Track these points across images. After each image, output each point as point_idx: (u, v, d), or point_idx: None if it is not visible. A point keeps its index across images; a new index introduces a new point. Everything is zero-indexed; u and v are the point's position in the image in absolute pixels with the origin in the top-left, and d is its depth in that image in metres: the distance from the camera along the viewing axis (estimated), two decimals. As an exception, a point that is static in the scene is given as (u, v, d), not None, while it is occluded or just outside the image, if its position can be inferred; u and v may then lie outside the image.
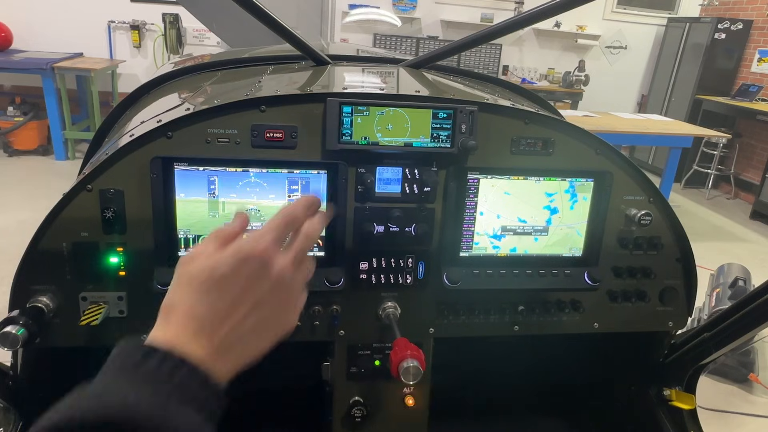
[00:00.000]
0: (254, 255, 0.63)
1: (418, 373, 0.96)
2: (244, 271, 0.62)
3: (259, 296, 0.62)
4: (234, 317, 0.61)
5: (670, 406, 1.28)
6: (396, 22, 6.75)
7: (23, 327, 0.91)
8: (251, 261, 0.62)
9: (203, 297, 0.61)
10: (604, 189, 1.15)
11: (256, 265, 0.62)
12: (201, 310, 0.60)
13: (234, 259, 0.62)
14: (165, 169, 0.99)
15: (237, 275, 0.61)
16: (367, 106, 1.00)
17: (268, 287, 0.63)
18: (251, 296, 0.62)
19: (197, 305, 0.60)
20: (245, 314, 0.61)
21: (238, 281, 0.61)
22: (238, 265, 0.62)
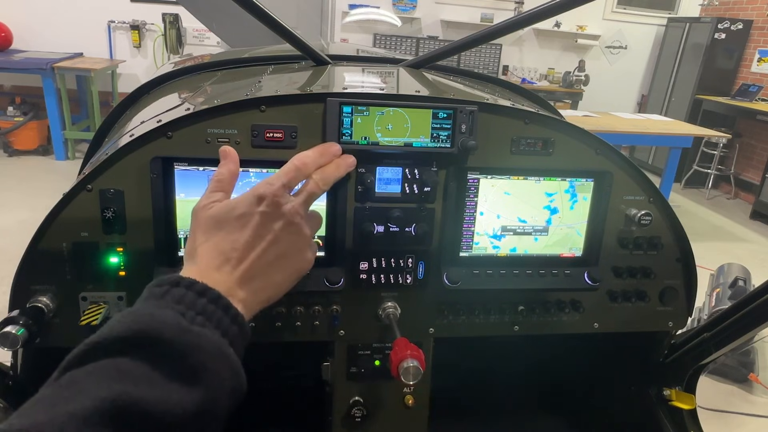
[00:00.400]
0: (266, 195, 0.69)
1: (418, 373, 0.96)
2: (259, 210, 0.68)
3: (275, 232, 0.69)
4: (255, 250, 0.67)
5: (670, 406, 1.29)
6: (396, 22, 6.75)
7: (23, 327, 0.91)
8: (264, 201, 0.69)
9: (225, 234, 0.67)
10: (604, 189, 1.15)
11: (269, 204, 0.69)
12: (224, 245, 0.66)
13: (249, 199, 0.69)
14: (165, 169, 0.99)
15: (253, 213, 0.68)
16: (367, 106, 1.00)
17: (281, 225, 0.70)
18: (268, 232, 0.68)
19: (221, 242, 0.66)
20: (264, 248, 0.68)
21: (255, 218, 0.68)
22: (254, 205, 0.68)
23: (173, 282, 0.58)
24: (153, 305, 0.55)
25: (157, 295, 0.57)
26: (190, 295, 0.57)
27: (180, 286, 0.58)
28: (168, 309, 0.54)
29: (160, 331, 0.51)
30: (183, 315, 0.54)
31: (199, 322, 0.55)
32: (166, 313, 0.54)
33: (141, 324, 0.51)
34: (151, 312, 0.53)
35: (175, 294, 0.57)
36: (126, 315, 0.54)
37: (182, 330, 0.53)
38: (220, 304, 0.59)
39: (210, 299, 0.58)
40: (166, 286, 0.58)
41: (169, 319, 0.53)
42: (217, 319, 0.57)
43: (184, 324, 0.53)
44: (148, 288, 0.59)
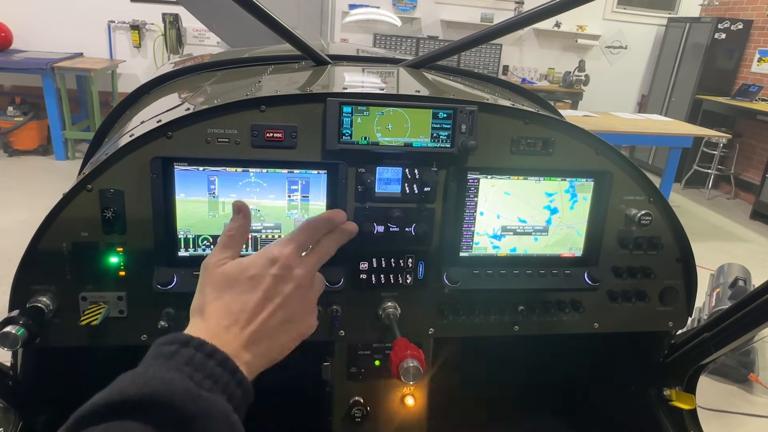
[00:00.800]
0: (279, 258, 0.70)
1: (418, 373, 0.96)
2: (271, 272, 0.69)
3: (284, 296, 0.69)
4: (263, 313, 0.67)
5: (670, 406, 1.28)
6: (396, 22, 6.75)
7: (23, 327, 0.91)
8: (277, 263, 0.70)
9: (236, 294, 0.67)
10: (604, 189, 1.15)
11: (281, 267, 0.70)
12: (234, 306, 0.66)
13: (262, 261, 0.69)
14: (165, 169, 0.99)
15: (265, 276, 0.68)
16: (367, 106, 1.00)
17: (291, 289, 0.70)
18: (278, 295, 0.69)
19: (231, 302, 0.67)
20: (272, 311, 0.68)
21: (266, 281, 0.68)
22: (266, 267, 0.69)
23: (183, 342, 0.58)
24: (163, 366, 0.55)
25: (167, 354, 0.57)
26: (199, 357, 0.57)
27: (189, 346, 0.58)
28: (177, 372, 0.55)
29: (170, 396, 0.51)
30: (192, 378, 0.54)
31: (207, 387, 0.55)
32: (176, 377, 0.54)
33: (152, 387, 0.51)
34: (162, 375, 0.53)
35: (184, 355, 0.57)
36: (136, 376, 0.54)
37: (192, 397, 0.52)
38: (228, 367, 0.59)
39: (218, 362, 0.58)
40: (176, 345, 0.58)
41: (178, 384, 0.53)
42: (224, 384, 0.57)
43: (194, 390, 0.53)
44: (157, 345, 0.59)
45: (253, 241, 1.07)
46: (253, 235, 1.07)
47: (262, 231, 1.07)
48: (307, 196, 1.06)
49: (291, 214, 1.07)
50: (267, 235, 1.07)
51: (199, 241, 1.05)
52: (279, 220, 1.07)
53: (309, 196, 1.06)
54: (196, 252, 1.05)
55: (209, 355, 0.58)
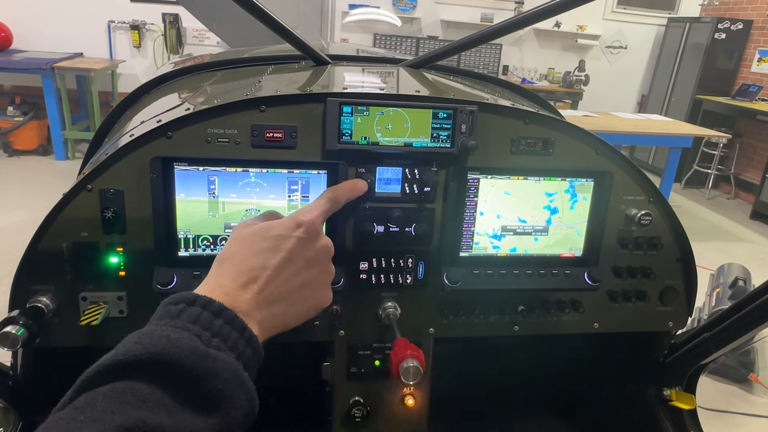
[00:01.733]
0: (305, 222, 0.70)
1: (418, 373, 0.96)
2: (297, 234, 0.68)
3: (306, 259, 0.69)
4: (284, 273, 0.66)
5: (670, 406, 1.28)
6: (396, 22, 6.75)
7: (23, 327, 0.91)
8: (303, 227, 0.69)
9: (258, 252, 0.66)
10: (604, 189, 1.15)
11: (306, 231, 0.69)
12: (254, 263, 0.65)
13: (288, 222, 0.69)
14: (165, 169, 0.99)
15: (290, 237, 0.68)
16: (367, 106, 1.00)
17: (314, 254, 0.70)
18: (300, 258, 0.68)
19: (251, 258, 0.66)
20: (293, 273, 0.67)
21: (290, 241, 0.68)
22: (291, 228, 0.69)
23: (189, 300, 0.57)
24: (169, 325, 0.54)
25: (173, 314, 0.56)
26: (206, 315, 0.56)
27: (196, 305, 0.57)
28: (184, 330, 0.53)
29: (177, 355, 0.50)
30: (199, 337, 0.53)
31: (215, 345, 0.54)
32: (183, 336, 0.53)
33: (158, 347, 0.50)
34: (168, 334, 0.52)
35: (191, 313, 0.56)
36: (142, 336, 0.52)
37: (199, 355, 0.52)
38: (236, 325, 0.58)
39: (226, 320, 0.57)
40: (182, 304, 0.57)
41: (185, 342, 0.52)
42: (232, 342, 0.56)
43: (202, 348, 0.52)
44: (163, 305, 0.58)
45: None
46: (253, 235, 1.07)
47: (262, 231, 1.07)
48: (307, 196, 1.06)
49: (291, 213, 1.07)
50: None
51: (199, 241, 1.05)
52: (279, 220, 1.07)
53: (309, 196, 1.06)
54: (196, 252, 1.05)
55: (216, 314, 0.57)
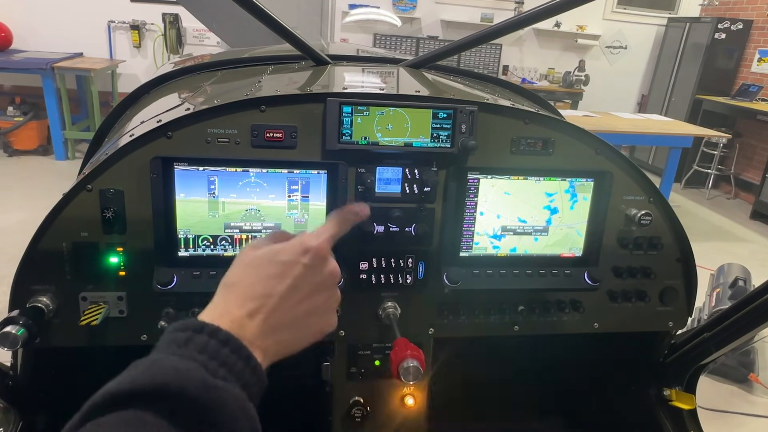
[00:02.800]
0: (313, 248, 0.68)
1: (418, 373, 0.96)
2: (304, 261, 0.67)
3: (313, 286, 0.67)
4: (289, 301, 0.65)
5: (670, 406, 1.28)
6: (396, 22, 6.75)
7: (23, 327, 0.91)
8: (311, 253, 0.68)
9: (264, 279, 0.65)
10: (604, 189, 1.15)
11: (313, 257, 0.68)
12: (260, 290, 0.64)
13: (295, 248, 0.68)
14: (165, 169, 0.99)
15: (296, 263, 0.66)
16: (367, 106, 1.00)
17: (321, 280, 0.68)
18: (307, 285, 0.67)
19: (258, 285, 0.65)
20: (299, 300, 0.66)
21: (297, 268, 0.66)
22: (299, 254, 0.67)
23: (196, 328, 0.57)
24: (176, 354, 0.54)
25: (180, 342, 0.56)
26: (213, 344, 0.56)
27: (203, 333, 0.57)
28: (191, 360, 0.54)
29: (184, 387, 0.50)
30: (206, 367, 0.54)
31: (222, 375, 0.54)
32: (191, 366, 0.53)
33: (166, 378, 0.51)
34: (176, 365, 0.52)
35: (198, 342, 0.56)
36: (150, 365, 0.53)
37: (206, 387, 0.52)
38: (242, 354, 0.58)
39: (233, 349, 0.57)
40: (189, 332, 0.57)
41: (193, 374, 0.52)
42: (238, 371, 0.56)
43: (209, 380, 0.52)
44: (170, 331, 0.58)
45: (253, 241, 1.07)
46: (252, 235, 1.07)
47: (262, 231, 1.07)
48: (307, 196, 1.06)
49: (291, 214, 1.07)
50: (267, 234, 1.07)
51: (199, 241, 1.05)
52: (279, 220, 1.07)
53: (309, 196, 1.06)
54: (196, 252, 1.05)
55: (223, 343, 0.57)
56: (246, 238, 1.07)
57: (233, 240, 1.06)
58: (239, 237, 1.06)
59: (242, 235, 1.06)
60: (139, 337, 1.05)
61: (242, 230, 1.06)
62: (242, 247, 0.74)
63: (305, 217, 1.07)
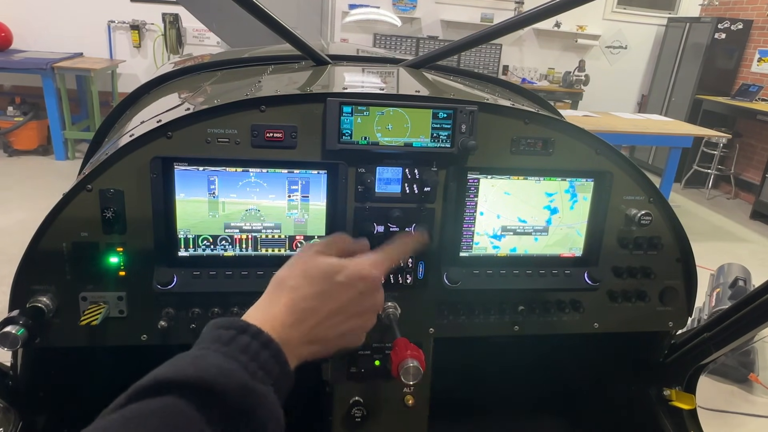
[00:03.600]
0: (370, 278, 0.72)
1: (418, 373, 0.96)
2: (359, 287, 0.71)
3: (358, 312, 0.72)
4: (333, 320, 0.69)
5: (670, 406, 1.28)
6: (396, 22, 6.75)
7: (23, 327, 0.91)
8: (367, 282, 0.72)
9: (318, 294, 0.69)
10: (604, 189, 1.15)
11: (367, 285, 0.72)
12: (312, 303, 0.68)
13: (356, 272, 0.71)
14: (165, 169, 0.99)
15: (351, 288, 0.70)
16: (367, 106, 1.00)
17: (366, 308, 0.73)
18: (353, 309, 0.71)
19: (311, 298, 0.68)
20: (341, 321, 0.70)
21: (350, 293, 0.70)
22: (356, 279, 0.71)
23: (240, 328, 0.60)
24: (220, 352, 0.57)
25: (225, 340, 0.59)
26: (255, 346, 0.59)
27: (246, 333, 0.60)
28: (234, 360, 0.57)
29: (226, 386, 0.53)
30: (246, 368, 0.57)
31: (260, 378, 0.57)
32: (233, 366, 0.56)
33: (209, 374, 0.53)
34: (220, 363, 0.55)
35: (240, 342, 0.59)
36: (195, 359, 0.56)
37: (247, 390, 0.55)
38: (280, 359, 0.61)
39: (272, 353, 0.60)
40: (233, 331, 0.60)
41: (235, 374, 0.55)
42: (275, 375, 0.60)
43: (249, 383, 0.55)
44: (214, 327, 0.61)
45: (252, 242, 1.07)
46: (252, 235, 1.07)
47: (262, 231, 1.07)
48: (307, 196, 1.06)
49: (291, 214, 1.07)
50: (267, 234, 1.07)
51: (199, 241, 1.05)
52: (279, 220, 1.07)
53: (309, 196, 1.06)
54: (196, 252, 1.05)
55: (264, 345, 0.60)
56: (246, 238, 1.07)
57: (233, 240, 1.06)
58: (239, 237, 1.06)
59: (242, 235, 1.06)
60: (139, 337, 1.05)
61: (242, 230, 1.06)
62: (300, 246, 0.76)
63: (305, 217, 1.07)
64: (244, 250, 1.07)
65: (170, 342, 1.06)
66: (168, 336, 1.05)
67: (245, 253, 1.07)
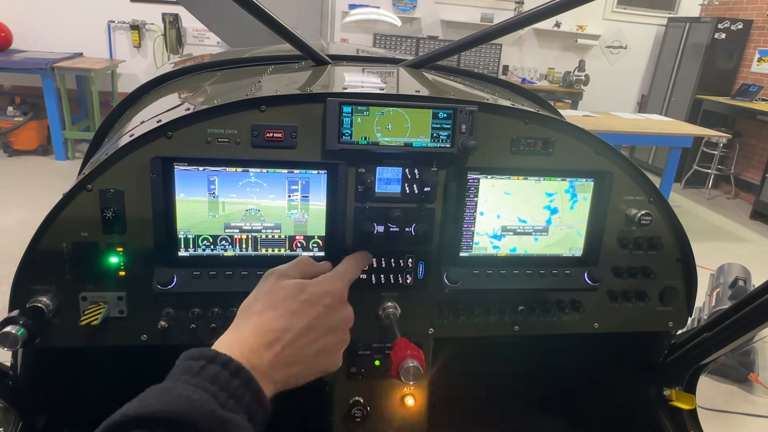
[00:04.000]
0: (334, 292, 0.74)
1: (418, 373, 0.96)
2: (325, 302, 0.72)
3: (329, 328, 0.72)
4: (304, 339, 0.69)
5: (670, 406, 1.28)
6: (396, 22, 6.76)
7: (23, 327, 0.91)
8: (330, 296, 0.73)
9: (286, 314, 0.69)
10: (604, 189, 1.15)
11: (333, 300, 0.73)
12: (281, 324, 0.68)
13: (319, 289, 0.72)
14: (165, 169, 0.99)
15: (317, 305, 0.71)
16: (367, 106, 1.00)
17: (336, 323, 0.73)
18: (323, 326, 0.71)
19: (279, 319, 0.69)
20: (313, 339, 0.70)
21: (317, 310, 0.71)
22: (321, 296, 0.72)
23: (209, 358, 0.60)
24: (189, 383, 0.57)
25: (194, 370, 0.58)
26: (225, 375, 0.59)
27: (216, 363, 0.59)
28: (203, 390, 0.56)
29: (195, 417, 0.53)
30: (216, 398, 0.56)
31: (231, 407, 0.57)
32: (202, 397, 0.55)
33: (178, 407, 0.53)
34: (188, 394, 0.55)
35: (210, 372, 0.58)
36: (163, 392, 0.55)
37: (216, 420, 0.54)
38: (251, 386, 0.61)
39: (243, 381, 0.60)
40: (203, 361, 0.59)
41: (204, 405, 0.55)
42: (246, 403, 0.59)
43: (218, 413, 0.55)
44: (185, 358, 0.60)
45: (252, 241, 1.07)
46: (252, 235, 1.07)
47: (262, 231, 1.07)
48: (307, 196, 1.06)
49: (291, 214, 1.07)
50: (267, 234, 1.07)
51: (199, 241, 1.05)
52: (279, 220, 1.07)
53: (309, 196, 1.06)
54: (196, 252, 1.05)
55: (234, 374, 0.60)
56: (246, 238, 1.07)
57: (233, 240, 1.06)
58: (239, 237, 1.06)
59: (242, 235, 1.06)
60: (139, 337, 1.05)
61: (242, 230, 1.06)
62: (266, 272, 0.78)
63: (305, 217, 1.07)
64: (244, 250, 1.07)
65: (170, 342, 1.06)
66: (168, 336, 1.05)
67: (245, 253, 1.07)
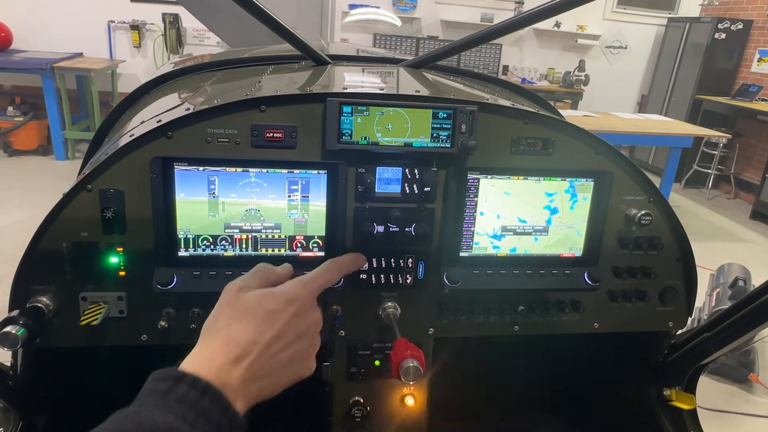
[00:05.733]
0: (299, 299, 0.71)
1: (418, 373, 0.96)
2: (291, 310, 0.70)
3: (296, 334, 0.70)
4: (273, 349, 0.68)
5: (670, 406, 1.28)
6: (396, 22, 6.76)
7: (23, 327, 0.91)
8: (296, 303, 0.70)
9: (250, 326, 0.67)
10: (604, 189, 1.15)
11: (299, 307, 0.71)
12: (247, 337, 0.66)
13: (283, 297, 0.70)
14: (165, 169, 0.99)
15: (283, 313, 0.69)
16: (367, 106, 1.00)
17: (304, 328, 0.71)
18: (291, 333, 0.70)
19: (244, 333, 0.67)
20: (282, 347, 0.69)
21: (283, 318, 0.69)
22: (286, 304, 0.70)
23: (177, 378, 0.59)
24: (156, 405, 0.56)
25: (161, 392, 0.58)
26: (193, 394, 0.58)
27: (183, 382, 0.59)
28: (170, 412, 0.56)
29: None
30: (184, 419, 0.55)
31: (200, 426, 0.56)
32: (168, 419, 0.55)
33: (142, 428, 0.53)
34: (154, 417, 0.54)
35: (178, 392, 0.58)
36: (130, 415, 0.55)
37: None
38: (220, 403, 0.60)
39: (211, 399, 0.59)
40: (170, 381, 0.59)
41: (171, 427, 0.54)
42: (216, 421, 0.58)
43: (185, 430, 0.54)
44: (152, 380, 0.60)
45: (252, 242, 1.07)
46: (252, 235, 1.07)
47: (262, 231, 1.07)
48: (307, 196, 1.06)
49: (291, 214, 1.07)
50: (267, 234, 1.07)
51: (199, 241, 1.05)
52: (279, 220, 1.07)
53: (309, 196, 1.06)
54: (196, 252, 1.05)
55: (203, 392, 0.59)
56: (246, 238, 1.07)
57: (233, 240, 1.06)
58: (239, 237, 1.06)
59: (242, 235, 1.06)
60: (139, 337, 1.05)
61: (242, 230, 1.06)
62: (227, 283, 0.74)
63: (305, 217, 1.07)
64: (244, 250, 1.07)
65: (170, 342, 1.06)
66: (168, 336, 1.05)
67: (245, 253, 1.07)
